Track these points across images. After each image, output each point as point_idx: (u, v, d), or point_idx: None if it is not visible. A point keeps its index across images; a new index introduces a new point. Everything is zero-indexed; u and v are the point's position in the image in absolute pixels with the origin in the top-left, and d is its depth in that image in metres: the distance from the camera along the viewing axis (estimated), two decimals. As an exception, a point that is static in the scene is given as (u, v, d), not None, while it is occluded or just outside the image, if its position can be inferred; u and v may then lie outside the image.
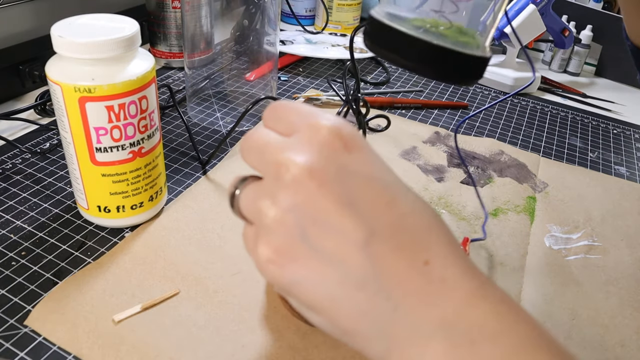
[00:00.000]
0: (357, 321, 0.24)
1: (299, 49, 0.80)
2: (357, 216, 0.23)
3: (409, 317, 0.23)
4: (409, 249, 0.23)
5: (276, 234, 0.24)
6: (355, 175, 0.24)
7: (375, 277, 0.23)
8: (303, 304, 0.25)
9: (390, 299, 0.23)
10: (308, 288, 0.24)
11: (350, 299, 0.23)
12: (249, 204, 0.26)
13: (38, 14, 0.66)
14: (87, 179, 0.42)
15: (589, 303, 0.43)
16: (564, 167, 0.62)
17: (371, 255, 0.23)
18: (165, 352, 0.35)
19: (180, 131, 0.61)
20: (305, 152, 0.24)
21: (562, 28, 0.82)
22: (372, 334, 0.24)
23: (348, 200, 0.23)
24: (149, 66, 0.40)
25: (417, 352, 0.23)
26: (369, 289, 0.23)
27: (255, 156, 0.26)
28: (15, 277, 0.40)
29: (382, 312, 0.23)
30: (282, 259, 0.24)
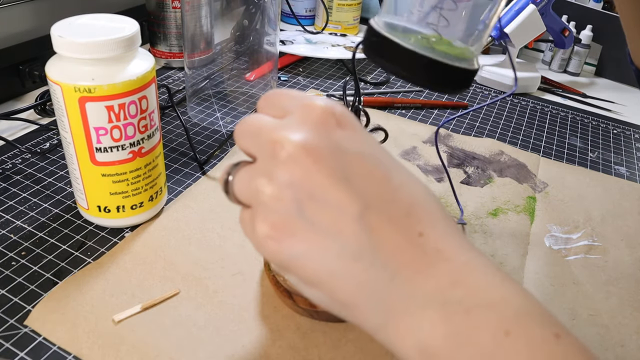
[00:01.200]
0: (355, 293, 0.24)
1: (299, 49, 0.80)
2: (351, 190, 0.24)
3: (405, 287, 0.23)
4: (404, 221, 0.24)
5: (273, 210, 0.24)
6: (349, 151, 0.25)
7: (371, 249, 0.24)
8: (302, 279, 0.25)
9: (386, 269, 0.24)
10: (306, 262, 0.24)
11: (348, 270, 0.24)
12: (244, 186, 0.26)
13: (38, 14, 0.66)
14: (87, 179, 0.42)
15: (589, 303, 0.44)
16: (564, 167, 0.62)
17: (366, 227, 0.24)
18: (165, 352, 0.35)
19: (180, 131, 0.61)
20: (300, 130, 0.25)
21: (562, 28, 0.82)
22: (370, 306, 0.24)
23: (343, 175, 0.24)
24: (149, 66, 0.40)
25: (414, 322, 0.23)
26: (365, 260, 0.24)
27: (250, 139, 0.27)
28: (15, 277, 0.40)
29: (378, 283, 0.24)
30: (280, 234, 0.24)
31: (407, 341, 0.23)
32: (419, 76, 0.32)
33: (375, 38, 0.32)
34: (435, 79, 0.32)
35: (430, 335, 0.22)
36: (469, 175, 0.59)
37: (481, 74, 0.82)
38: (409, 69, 0.32)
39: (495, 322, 0.22)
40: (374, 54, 0.33)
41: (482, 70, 0.82)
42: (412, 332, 0.23)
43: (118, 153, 0.41)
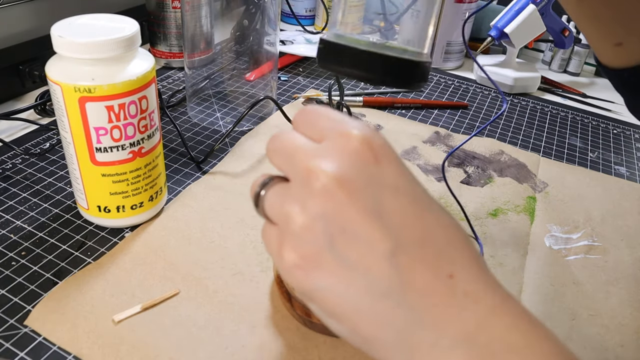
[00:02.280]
0: (379, 330, 0.24)
1: (299, 49, 0.80)
2: (384, 227, 0.24)
3: (431, 329, 0.23)
4: (434, 262, 0.24)
5: (303, 240, 0.24)
6: (384, 187, 0.25)
7: (399, 288, 0.23)
8: (325, 311, 0.25)
9: (413, 310, 0.23)
10: (332, 296, 0.24)
11: (374, 308, 0.24)
12: (275, 207, 0.26)
13: (38, 14, 0.66)
14: (87, 179, 0.42)
15: (589, 303, 0.44)
16: (564, 167, 0.62)
17: (397, 266, 0.23)
18: (165, 352, 0.35)
19: (180, 131, 0.61)
20: (336, 160, 0.24)
21: (562, 28, 0.82)
22: (394, 344, 0.24)
23: (376, 211, 0.24)
24: (149, 66, 0.40)
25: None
26: (392, 299, 0.23)
27: (284, 159, 0.26)
28: (15, 277, 0.40)
29: (404, 323, 0.23)
30: (308, 265, 0.24)
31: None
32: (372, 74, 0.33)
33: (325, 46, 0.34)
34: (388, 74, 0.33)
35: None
36: (469, 175, 0.59)
37: (481, 74, 0.82)
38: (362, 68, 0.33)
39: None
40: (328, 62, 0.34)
41: (482, 70, 0.82)
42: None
43: (118, 153, 0.41)
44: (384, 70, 0.33)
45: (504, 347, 0.23)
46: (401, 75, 0.33)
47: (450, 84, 0.82)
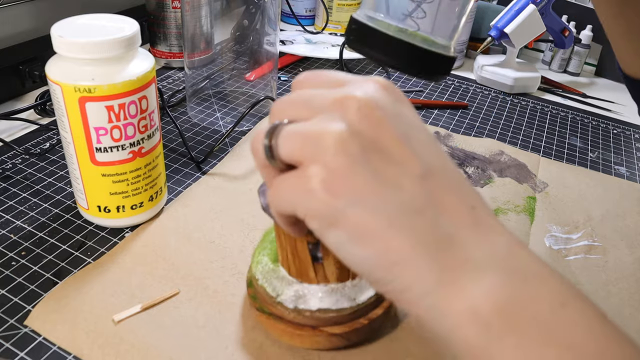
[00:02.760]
0: (410, 248, 0.23)
1: (299, 49, 0.80)
2: (415, 152, 0.24)
3: (462, 248, 0.23)
4: (458, 192, 0.25)
5: (338, 154, 0.23)
6: (408, 120, 0.26)
7: (431, 207, 0.24)
8: (354, 232, 0.23)
9: (444, 229, 0.24)
10: (363, 212, 0.23)
11: (408, 223, 0.23)
12: (299, 137, 0.24)
13: (38, 14, 0.66)
14: (87, 179, 0.42)
15: (589, 303, 0.43)
16: (564, 167, 0.62)
17: (428, 188, 0.24)
18: (165, 352, 0.35)
19: (181, 131, 0.61)
20: (368, 89, 0.25)
21: (562, 28, 0.82)
22: (424, 263, 0.23)
23: (407, 137, 0.25)
24: (149, 66, 0.40)
25: (470, 283, 0.22)
26: (426, 217, 0.23)
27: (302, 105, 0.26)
28: (15, 277, 0.40)
29: (436, 240, 0.23)
30: (339, 179, 0.23)
31: (460, 305, 0.22)
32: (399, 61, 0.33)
33: (356, 26, 0.34)
34: (414, 63, 0.34)
35: (485, 299, 0.22)
36: (469, 175, 0.59)
37: (481, 74, 0.82)
38: (390, 55, 0.33)
39: (551, 292, 0.22)
40: (357, 42, 0.34)
41: (482, 70, 0.82)
42: (467, 294, 0.22)
43: (118, 153, 0.41)
44: (411, 59, 0.33)
45: (534, 274, 0.23)
46: (428, 67, 0.34)
47: (450, 84, 0.82)
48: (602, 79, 0.91)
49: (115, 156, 0.41)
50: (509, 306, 0.22)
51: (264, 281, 0.36)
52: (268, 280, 0.36)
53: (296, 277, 0.35)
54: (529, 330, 0.22)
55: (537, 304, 0.22)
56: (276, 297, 0.35)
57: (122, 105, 0.39)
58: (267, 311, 0.36)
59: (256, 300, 0.37)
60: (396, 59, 0.33)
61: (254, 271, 0.37)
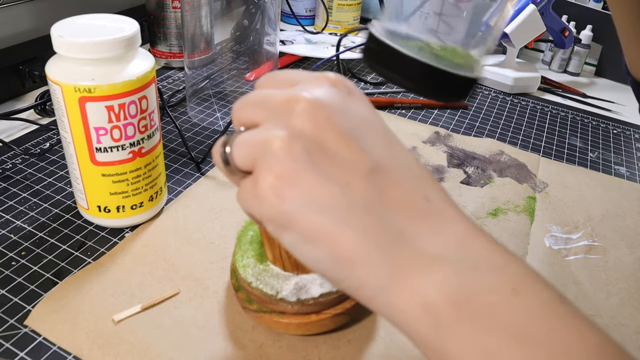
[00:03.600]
0: (360, 247, 0.23)
1: (299, 49, 0.80)
2: (362, 149, 0.24)
3: (413, 243, 0.23)
4: (409, 184, 0.25)
5: (282, 158, 0.24)
6: (358, 115, 0.26)
7: (379, 204, 0.24)
8: (303, 232, 0.24)
9: (394, 225, 0.23)
10: (311, 214, 0.23)
11: (355, 222, 0.23)
12: (246, 146, 0.25)
13: (38, 14, 0.66)
14: (87, 179, 0.42)
15: (589, 303, 0.44)
16: (564, 167, 0.62)
17: (376, 184, 0.24)
18: (165, 352, 0.35)
19: (181, 131, 0.61)
20: (314, 90, 0.26)
21: (562, 28, 0.82)
22: (375, 261, 0.23)
23: (354, 134, 0.25)
24: (149, 66, 0.40)
25: (420, 278, 0.23)
26: (373, 214, 0.23)
27: (255, 107, 0.26)
28: (15, 277, 0.40)
29: (386, 237, 0.23)
30: (286, 183, 0.23)
31: (412, 300, 0.23)
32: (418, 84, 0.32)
33: (373, 44, 0.32)
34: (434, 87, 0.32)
35: (437, 292, 0.22)
36: (469, 175, 0.59)
37: (481, 74, 0.82)
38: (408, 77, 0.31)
39: (504, 281, 0.22)
40: (373, 61, 0.33)
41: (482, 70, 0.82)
42: (418, 288, 0.22)
43: (118, 153, 0.41)
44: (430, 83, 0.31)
45: (485, 265, 0.23)
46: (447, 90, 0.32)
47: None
48: (602, 79, 0.91)
49: (115, 156, 0.41)
50: (459, 297, 0.22)
51: (259, 282, 0.36)
52: (263, 281, 0.36)
53: (292, 271, 0.36)
54: (480, 319, 0.22)
55: (488, 293, 0.22)
56: (276, 295, 0.35)
57: (122, 105, 0.39)
58: (268, 310, 0.36)
59: (252, 302, 0.37)
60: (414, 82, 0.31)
61: (244, 275, 0.37)
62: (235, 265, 0.38)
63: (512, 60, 0.81)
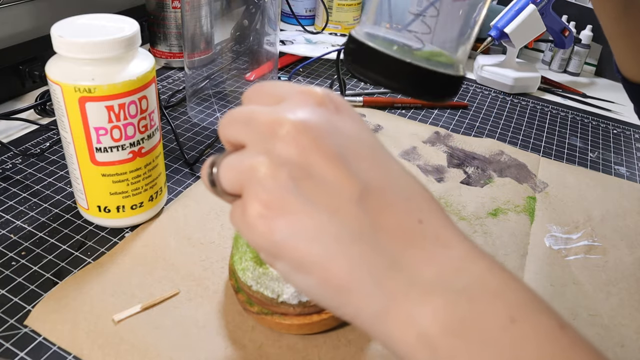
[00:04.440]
0: (351, 276, 0.23)
1: (299, 49, 0.80)
2: (350, 172, 0.23)
3: (406, 272, 0.23)
4: (403, 207, 0.24)
5: (268, 188, 0.23)
6: (347, 134, 0.25)
7: (371, 231, 0.23)
8: (293, 262, 0.23)
9: (387, 253, 0.23)
10: (301, 243, 0.23)
11: (345, 252, 0.23)
12: (233, 170, 0.25)
13: (38, 14, 0.66)
14: (87, 179, 0.42)
15: (589, 303, 0.44)
16: (564, 167, 0.62)
17: (366, 209, 0.23)
18: (165, 352, 0.35)
19: (180, 131, 0.61)
20: (299, 111, 0.24)
21: (562, 28, 0.82)
22: (367, 291, 0.23)
23: (342, 156, 0.24)
24: (149, 66, 0.40)
25: (415, 308, 0.22)
26: (364, 242, 0.23)
27: (240, 126, 0.26)
28: (15, 277, 0.40)
29: (378, 266, 0.23)
30: (273, 213, 0.23)
31: (408, 330, 0.22)
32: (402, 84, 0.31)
33: (354, 46, 0.31)
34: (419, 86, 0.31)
35: (432, 322, 0.22)
36: (469, 175, 0.59)
37: (481, 74, 0.82)
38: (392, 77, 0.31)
39: (500, 309, 0.22)
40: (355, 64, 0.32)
41: (482, 70, 0.82)
42: (413, 319, 0.22)
43: (118, 153, 0.41)
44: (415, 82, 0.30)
45: (482, 291, 0.22)
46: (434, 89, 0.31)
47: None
48: (602, 79, 0.91)
49: (115, 156, 0.41)
50: (455, 327, 0.21)
51: (259, 286, 0.36)
52: (263, 284, 0.36)
53: None
54: (477, 349, 0.21)
55: (486, 321, 0.21)
56: (277, 298, 0.35)
57: (122, 105, 0.39)
58: (269, 312, 0.36)
59: (253, 304, 0.37)
60: (399, 81, 0.31)
61: (244, 278, 0.37)
62: (234, 268, 0.38)
63: (512, 60, 0.81)
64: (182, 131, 0.61)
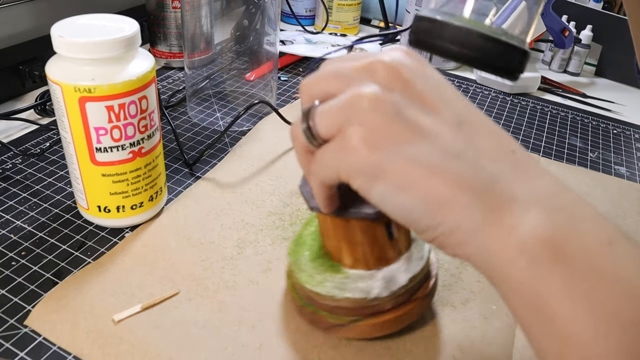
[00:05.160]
0: (454, 189, 0.23)
1: (299, 49, 0.80)
2: (446, 104, 0.25)
3: (505, 187, 0.24)
4: (496, 139, 0.26)
5: (373, 112, 0.24)
6: (435, 77, 0.27)
7: (471, 152, 0.24)
8: (396, 183, 0.24)
9: (485, 170, 0.24)
10: (403, 161, 0.24)
11: (447, 167, 0.24)
12: (332, 112, 0.25)
13: (38, 14, 0.66)
14: (87, 179, 0.42)
15: (589, 303, 0.43)
16: (564, 167, 0.62)
17: (464, 134, 0.25)
18: (165, 352, 0.35)
19: (180, 131, 0.61)
20: (392, 54, 0.27)
21: (562, 28, 0.82)
22: (469, 202, 0.23)
23: (438, 90, 0.26)
24: (149, 66, 0.40)
25: (517, 219, 0.23)
26: (466, 160, 0.24)
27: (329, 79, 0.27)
28: (15, 277, 0.40)
29: (479, 180, 0.24)
30: (377, 136, 0.24)
31: (508, 240, 0.23)
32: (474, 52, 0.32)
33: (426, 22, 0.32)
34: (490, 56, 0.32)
35: (534, 232, 0.22)
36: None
37: (481, 74, 0.82)
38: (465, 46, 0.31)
39: (598, 230, 0.22)
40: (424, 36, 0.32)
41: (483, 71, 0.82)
42: (515, 229, 0.22)
43: (118, 153, 0.41)
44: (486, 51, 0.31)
45: (580, 213, 0.23)
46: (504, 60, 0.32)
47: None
48: (602, 79, 0.91)
49: (115, 156, 0.41)
50: (556, 240, 0.22)
51: (345, 292, 0.34)
52: (349, 289, 0.34)
53: (375, 267, 0.35)
54: (577, 264, 0.22)
55: (585, 239, 0.22)
56: (368, 296, 0.34)
57: (122, 105, 0.39)
58: (359, 318, 0.35)
59: (337, 317, 0.36)
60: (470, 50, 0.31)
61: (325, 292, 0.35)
62: (305, 288, 0.36)
63: (512, 60, 0.81)
64: (182, 131, 0.61)
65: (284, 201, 0.51)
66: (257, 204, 0.50)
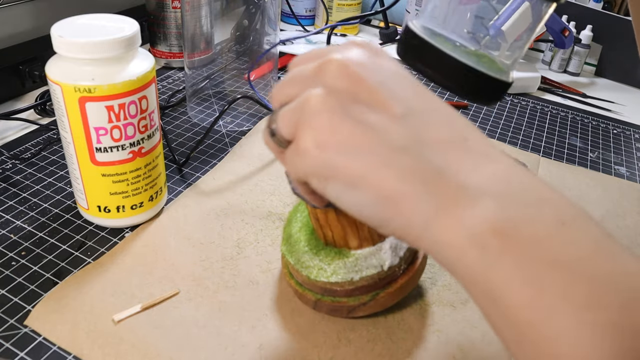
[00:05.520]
0: (402, 184, 0.24)
1: (299, 49, 0.80)
2: (394, 97, 0.25)
3: (454, 177, 0.24)
4: (446, 127, 0.25)
5: (319, 112, 0.25)
6: (388, 70, 0.27)
7: (419, 144, 0.24)
8: (347, 179, 0.25)
9: (433, 162, 0.24)
10: (350, 158, 0.24)
11: (393, 162, 0.24)
12: (288, 113, 0.26)
13: (38, 14, 0.66)
14: (87, 179, 0.42)
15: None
16: (564, 167, 0.62)
17: (411, 126, 0.25)
18: (165, 352, 0.35)
19: (180, 131, 0.61)
20: (343, 52, 0.27)
21: (562, 28, 0.82)
22: (418, 196, 0.23)
23: (386, 85, 0.26)
24: (149, 66, 0.40)
25: (466, 210, 0.23)
26: (412, 152, 0.24)
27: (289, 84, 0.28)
28: (15, 277, 0.40)
29: (426, 174, 0.24)
30: (324, 136, 0.25)
31: (458, 232, 0.23)
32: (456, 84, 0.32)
33: (411, 38, 0.32)
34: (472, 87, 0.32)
35: (482, 222, 0.22)
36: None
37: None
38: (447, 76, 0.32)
39: (550, 212, 0.22)
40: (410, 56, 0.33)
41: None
42: (463, 220, 0.22)
43: (118, 153, 0.41)
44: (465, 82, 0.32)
45: (531, 196, 0.23)
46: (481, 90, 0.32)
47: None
48: (602, 79, 0.91)
49: (115, 156, 0.41)
50: (506, 227, 0.22)
51: (360, 273, 0.35)
52: (362, 268, 0.35)
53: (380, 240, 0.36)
54: (528, 249, 0.21)
55: (536, 223, 0.22)
56: (382, 268, 0.36)
57: (122, 105, 0.39)
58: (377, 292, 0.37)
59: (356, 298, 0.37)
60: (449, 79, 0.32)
61: (342, 277, 0.36)
62: (318, 282, 0.36)
63: (512, 60, 0.81)
64: (182, 131, 0.61)
65: (284, 201, 0.51)
66: (257, 204, 0.50)
